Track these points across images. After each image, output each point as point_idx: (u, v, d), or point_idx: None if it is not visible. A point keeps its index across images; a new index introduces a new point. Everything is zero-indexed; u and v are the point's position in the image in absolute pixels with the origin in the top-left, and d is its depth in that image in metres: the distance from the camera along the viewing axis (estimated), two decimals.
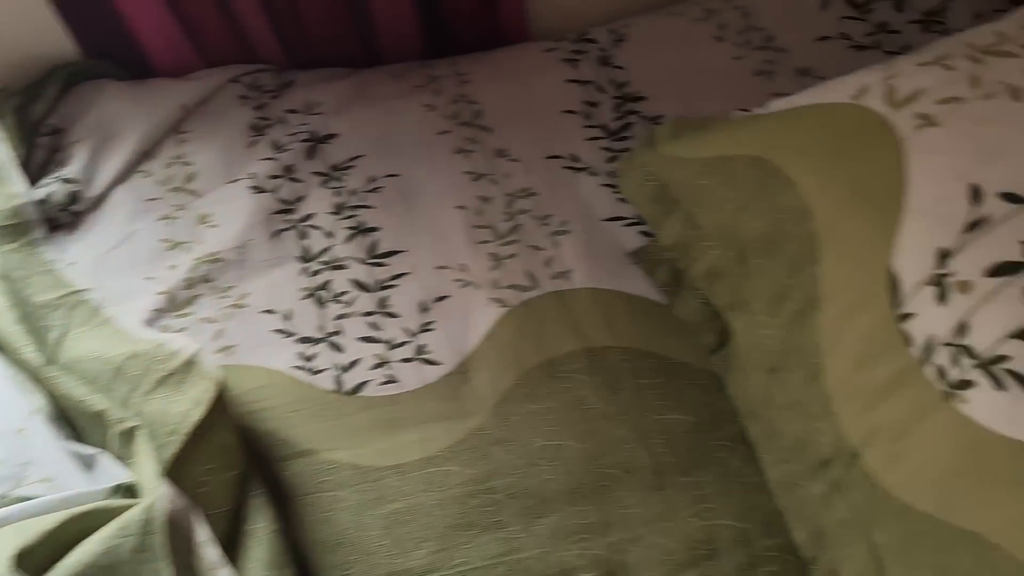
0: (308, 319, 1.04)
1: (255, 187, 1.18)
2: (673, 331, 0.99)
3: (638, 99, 1.24)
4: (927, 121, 0.77)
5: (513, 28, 1.43)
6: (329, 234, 1.12)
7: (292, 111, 1.28)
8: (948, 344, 0.68)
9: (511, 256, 1.08)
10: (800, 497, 0.79)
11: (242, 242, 1.12)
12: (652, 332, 0.99)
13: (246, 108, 1.29)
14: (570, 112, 1.24)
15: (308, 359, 1.00)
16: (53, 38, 1.31)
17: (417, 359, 0.99)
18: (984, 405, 0.64)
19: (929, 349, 0.69)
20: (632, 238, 1.08)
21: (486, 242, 1.10)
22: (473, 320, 1.02)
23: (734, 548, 0.82)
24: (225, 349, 1.02)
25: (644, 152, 1.05)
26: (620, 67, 1.29)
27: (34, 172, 1.20)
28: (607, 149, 1.18)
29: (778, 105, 0.95)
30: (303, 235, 1.13)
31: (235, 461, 0.85)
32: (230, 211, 1.15)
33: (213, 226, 1.14)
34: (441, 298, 1.05)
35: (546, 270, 1.06)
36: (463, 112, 1.26)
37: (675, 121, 1.05)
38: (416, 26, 1.37)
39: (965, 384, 0.66)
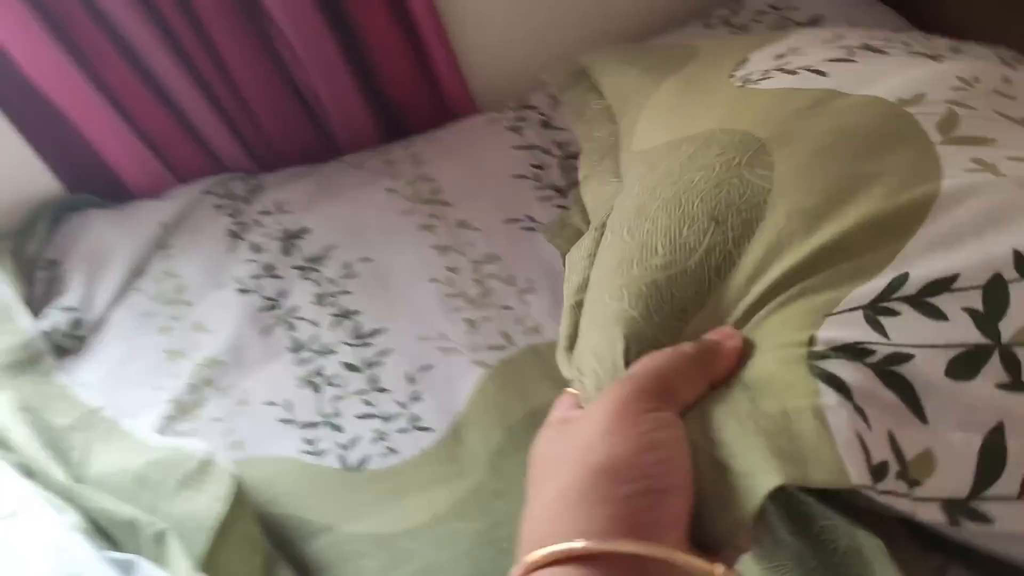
0: (307, 406, 1.13)
1: (241, 289, 1.27)
2: None
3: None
4: None
5: (458, 103, 1.53)
6: (315, 323, 1.21)
7: (265, 212, 1.38)
8: None
9: (485, 319, 1.17)
10: None
11: (236, 342, 1.21)
12: None
13: (222, 216, 1.39)
14: (521, 177, 1.34)
15: (312, 443, 1.09)
16: (37, 177, 1.41)
17: (412, 428, 1.08)
18: None
19: None
20: None
21: (460, 309, 1.19)
22: (458, 384, 1.12)
23: None
24: (236, 444, 1.10)
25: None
26: (561, 128, 1.40)
27: (37, 305, 1.29)
28: (560, 207, 1.28)
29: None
30: (291, 327, 1.22)
31: (260, 547, 0.94)
32: (221, 315, 1.24)
33: (208, 331, 1.23)
34: (426, 367, 1.14)
35: (519, 327, 1.16)
36: (422, 191, 1.36)
37: None
38: (367, 114, 1.48)
39: None
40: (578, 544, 0.47)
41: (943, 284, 0.52)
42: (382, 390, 1.13)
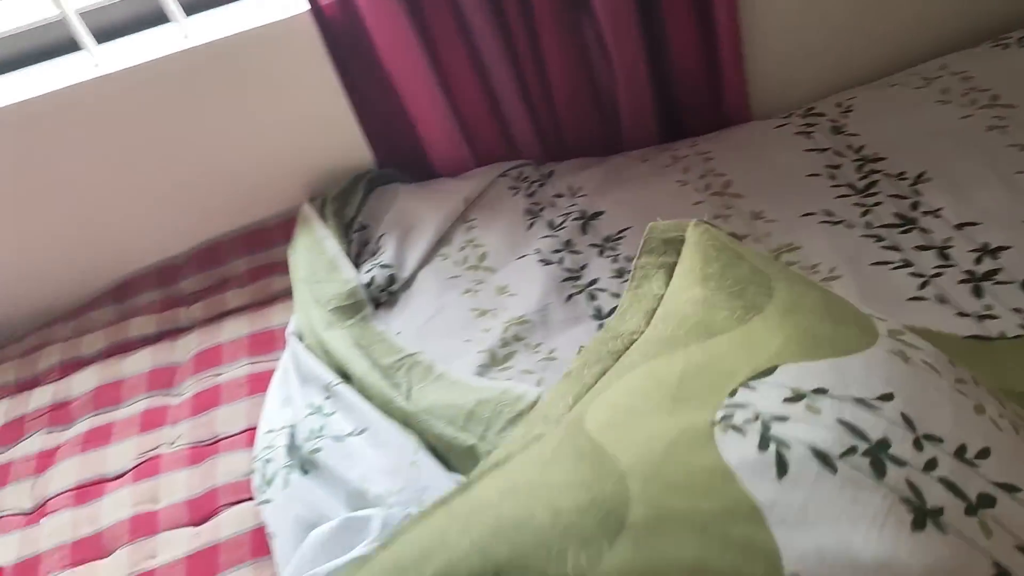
0: None
1: (542, 260, 1.33)
2: None
3: (878, 159, 1.36)
4: None
5: (735, 110, 1.58)
6: (616, 295, 1.26)
7: (558, 195, 1.45)
8: None
9: None
10: None
11: (542, 306, 1.27)
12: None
13: (518, 196, 1.47)
14: (814, 176, 1.36)
15: None
16: (357, 151, 1.55)
17: None
18: None
19: None
20: (904, 280, 1.16)
21: None
22: None
23: None
24: None
25: None
26: (854, 134, 1.42)
27: (352, 261, 1.40)
28: (859, 204, 1.29)
29: None
30: (592, 297, 1.27)
31: None
32: (525, 281, 1.31)
33: (512, 295, 1.30)
34: None
35: None
36: (713, 184, 1.40)
37: None
38: (653, 115, 1.54)
39: None
40: None
41: None
42: None
